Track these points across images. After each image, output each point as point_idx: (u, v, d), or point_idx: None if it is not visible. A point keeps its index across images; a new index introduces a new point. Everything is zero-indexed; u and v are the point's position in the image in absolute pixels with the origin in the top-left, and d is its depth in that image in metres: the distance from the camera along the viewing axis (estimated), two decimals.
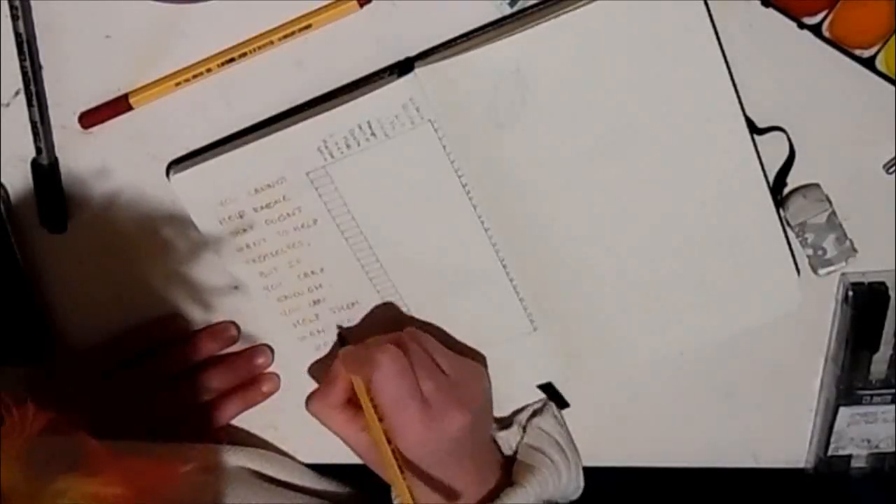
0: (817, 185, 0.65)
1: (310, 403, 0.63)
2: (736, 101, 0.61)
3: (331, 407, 0.62)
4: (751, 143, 0.62)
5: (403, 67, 0.60)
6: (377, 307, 0.67)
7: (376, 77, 0.61)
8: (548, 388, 0.71)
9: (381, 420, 0.60)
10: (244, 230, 0.64)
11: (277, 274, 0.65)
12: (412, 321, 0.67)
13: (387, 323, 0.67)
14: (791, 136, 0.63)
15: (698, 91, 0.60)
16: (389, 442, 0.60)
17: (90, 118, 0.61)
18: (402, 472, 0.60)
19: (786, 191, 0.65)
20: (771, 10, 0.58)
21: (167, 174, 0.63)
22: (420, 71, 0.59)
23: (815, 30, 0.59)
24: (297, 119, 0.61)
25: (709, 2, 0.58)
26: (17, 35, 0.58)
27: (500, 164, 0.62)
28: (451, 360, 0.64)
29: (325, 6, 0.58)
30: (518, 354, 0.69)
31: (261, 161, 0.61)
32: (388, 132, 0.61)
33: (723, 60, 0.59)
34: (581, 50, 0.59)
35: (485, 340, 0.68)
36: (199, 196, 0.63)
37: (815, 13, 0.58)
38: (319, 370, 0.68)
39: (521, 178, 0.63)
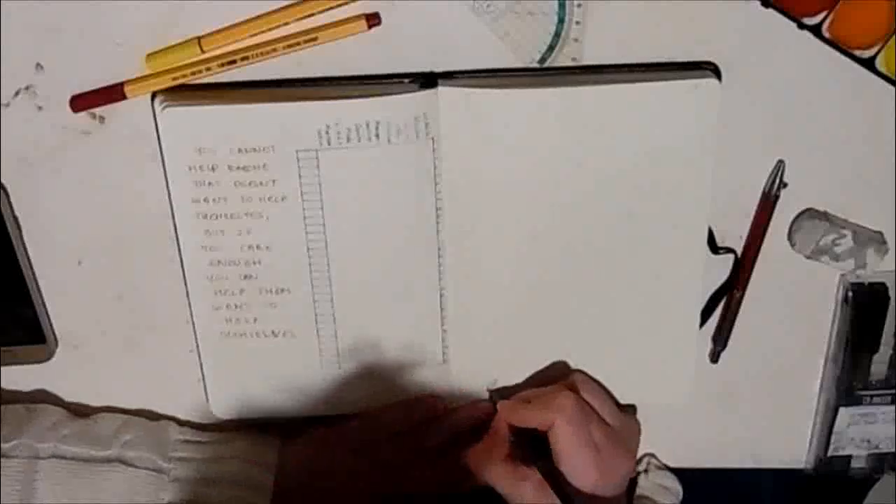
0: (807, 210, 0.65)
1: (472, 460, 0.67)
2: (705, 216, 0.64)
3: (495, 461, 0.65)
4: (702, 258, 0.66)
5: (427, 80, 0.60)
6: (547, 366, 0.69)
7: (398, 80, 0.61)
8: None
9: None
10: (209, 183, 0.62)
11: (222, 237, 0.64)
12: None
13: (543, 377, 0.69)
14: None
15: (678, 193, 0.63)
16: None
17: (81, 102, 0.61)
18: None
19: (791, 220, 0.66)
20: (771, 10, 0.58)
21: (152, 100, 0.61)
22: (443, 90, 0.60)
23: (815, 30, 0.59)
24: (307, 93, 0.60)
25: (709, 2, 0.59)
26: None
27: (478, 200, 0.63)
28: (613, 411, 0.67)
29: (334, 22, 0.58)
30: (419, 380, 0.70)
31: (258, 124, 0.60)
32: (392, 138, 0.61)
33: (710, 176, 0.63)
34: (593, 120, 0.60)
35: (393, 359, 0.69)
36: (181, 136, 0.61)
37: (815, 13, 0.58)
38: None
39: (494, 220, 0.64)
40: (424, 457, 0.70)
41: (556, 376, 0.69)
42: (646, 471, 0.74)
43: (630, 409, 0.71)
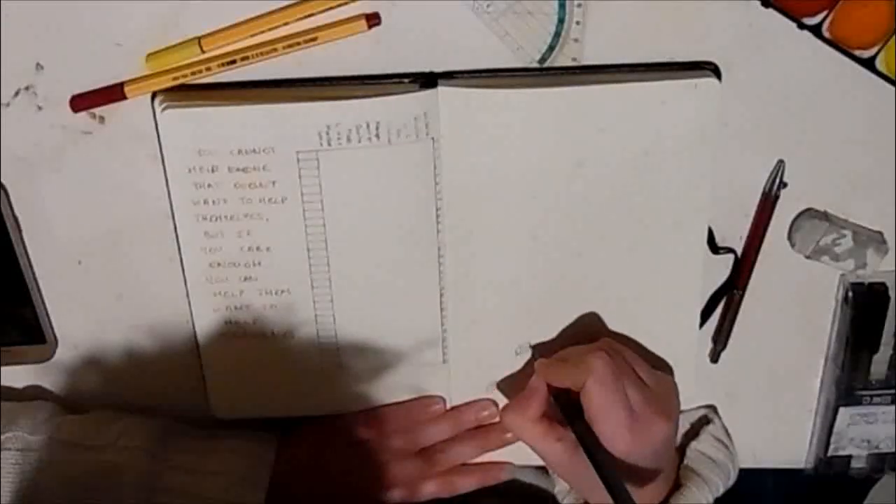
0: (807, 210, 0.65)
1: (506, 416, 0.65)
2: (705, 216, 0.65)
3: (529, 420, 0.63)
4: (702, 258, 0.66)
5: (427, 80, 0.60)
6: (571, 323, 0.68)
7: (398, 80, 0.61)
8: None
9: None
10: (209, 185, 0.62)
11: (222, 239, 0.64)
12: (606, 334, 0.67)
13: (577, 336, 0.67)
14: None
15: (678, 193, 0.63)
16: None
17: (81, 102, 0.61)
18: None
19: (791, 220, 0.66)
20: (771, 10, 0.58)
21: (152, 100, 0.61)
22: (443, 90, 0.60)
23: (815, 30, 0.59)
24: (307, 94, 0.60)
25: (709, 2, 0.59)
26: None
27: (478, 200, 0.63)
28: (649, 372, 0.64)
29: (334, 22, 0.58)
30: (419, 380, 0.70)
31: (258, 125, 0.60)
32: (392, 139, 0.61)
33: (710, 176, 0.63)
34: (593, 120, 0.60)
35: (393, 359, 0.69)
36: (181, 137, 0.60)
37: (815, 13, 0.58)
38: (506, 385, 0.70)
39: (494, 219, 0.64)
40: (423, 457, 0.70)
41: (592, 335, 0.67)
42: (696, 436, 0.71)
43: (667, 370, 0.69)
